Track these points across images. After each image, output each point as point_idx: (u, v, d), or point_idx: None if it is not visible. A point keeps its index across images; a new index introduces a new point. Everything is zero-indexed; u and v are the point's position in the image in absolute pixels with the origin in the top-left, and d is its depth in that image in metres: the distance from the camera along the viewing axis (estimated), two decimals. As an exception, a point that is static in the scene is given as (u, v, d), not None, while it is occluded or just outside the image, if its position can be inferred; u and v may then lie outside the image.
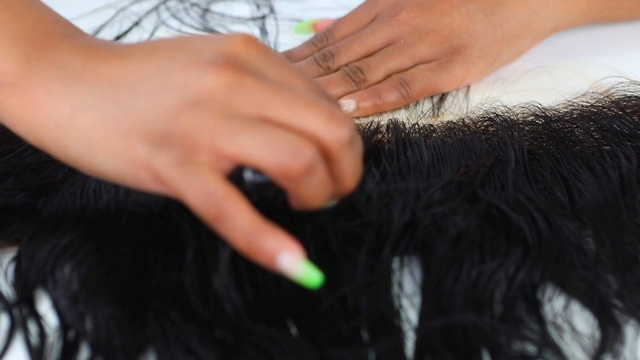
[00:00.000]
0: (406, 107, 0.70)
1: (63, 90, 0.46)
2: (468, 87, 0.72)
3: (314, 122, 0.45)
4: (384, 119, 0.67)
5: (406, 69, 0.70)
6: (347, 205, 0.51)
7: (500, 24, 0.71)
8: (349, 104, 0.66)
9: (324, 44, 0.73)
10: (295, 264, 0.44)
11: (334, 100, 0.49)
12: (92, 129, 0.45)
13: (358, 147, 0.48)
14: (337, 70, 0.70)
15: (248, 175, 0.47)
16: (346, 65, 0.70)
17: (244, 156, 0.44)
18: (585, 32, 0.79)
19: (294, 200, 0.48)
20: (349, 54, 0.70)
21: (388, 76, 0.69)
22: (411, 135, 0.62)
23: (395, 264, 0.50)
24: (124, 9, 0.87)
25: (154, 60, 0.46)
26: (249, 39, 0.47)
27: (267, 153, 0.44)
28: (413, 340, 0.46)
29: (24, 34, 0.48)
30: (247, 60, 0.46)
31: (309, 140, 0.45)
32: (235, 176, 0.47)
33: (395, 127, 0.64)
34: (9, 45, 0.48)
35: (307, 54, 0.73)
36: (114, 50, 0.48)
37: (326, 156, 0.46)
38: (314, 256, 0.48)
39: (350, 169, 0.47)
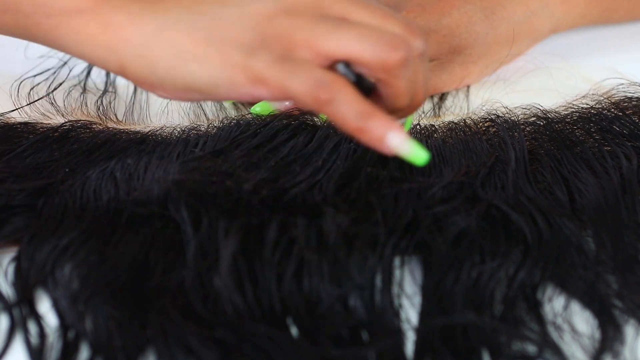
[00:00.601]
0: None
1: (144, 10, 0.48)
2: (468, 87, 0.72)
3: (397, 29, 0.48)
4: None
5: None
6: (347, 204, 0.51)
7: (500, 25, 0.70)
8: None
9: None
10: (404, 142, 0.47)
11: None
12: (182, 40, 0.47)
13: (427, 63, 0.50)
14: None
15: (341, 68, 0.48)
16: None
17: (343, 50, 0.46)
18: (586, 33, 0.79)
19: (386, 97, 0.49)
20: None
21: None
22: (413, 136, 0.62)
23: (396, 263, 0.50)
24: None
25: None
26: None
27: (366, 45, 0.46)
28: (413, 340, 0.46)
29: None
30: None
31: (402, 38, 0.47)
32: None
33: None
34: None
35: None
36: None
37: None
38: (310, 254, 0.48)
39: (424, 79, 0.50)
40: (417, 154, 0.47)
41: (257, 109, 0.65)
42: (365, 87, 0.49)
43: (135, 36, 0.47)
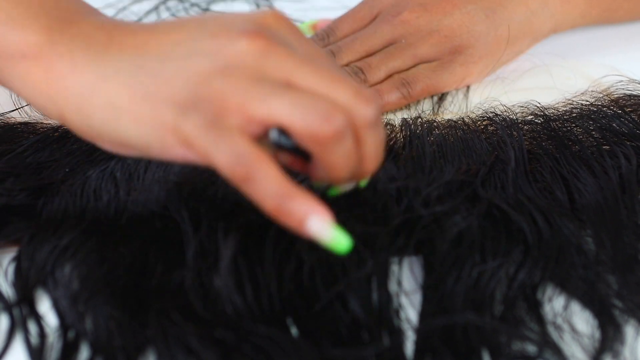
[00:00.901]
0: (406, 106, 0.70)
1: (88, 59, 0.46)
2: (468, 86, 0.72)
3: (343, 96, 0.45)
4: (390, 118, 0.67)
5: (407, 69, 0.70)
6: (347, 203, 0.51)
7: (500, 24, 0.71)
8: None
9: (325, 42, 0.73)
10: (324, 227, 0.44)
11: (360, 83, 0.49)
12: (118, 95, 0.45)
13: (381, 130, 0.47)
14: None
15: (273, 135, 0.45)
16: (347, 65, 0.70)
17: (274, 118, 0.43)
18: (585, 31, 0.79)
19: (320, 169, 0.46)
20: (350, 53, 0.70)
21: (389, 76, 0.69)
22: (417, 130, 0.63)
23: (395, 263, 0.50)
24: (124, 9, 0.87)
25: (183, 31, 0.46)
26: (278, 15, 0.47)
27: (298, 115, 0.43)
28: (413, 340, 0.46)
29: (46, 9, 0.48)
30: (277, 32, 0.46)
31: (341, 109, 0.44)
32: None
33: (407, 126, 0.64)
34: (31, 17, 0.47)
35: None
36: (139, 25, 0.48)
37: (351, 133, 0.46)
38: (312, 255, 0.48)
39: (374, 149, 0.47)
40: (339, 242, 0.44)
41: None
42: (306, 157, 0.47)
43: (74, 86, 0.46)
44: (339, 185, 0.48)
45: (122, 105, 0.45)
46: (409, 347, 0.46)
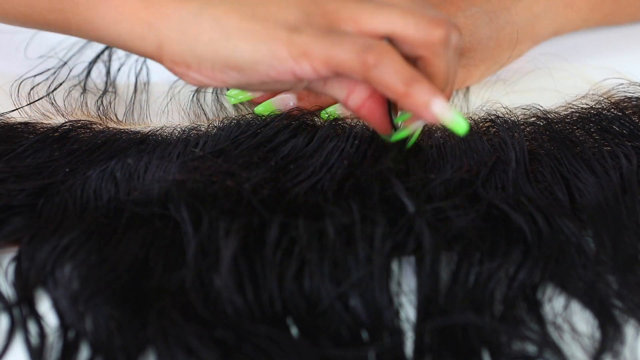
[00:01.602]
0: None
1: None
2: (468, 87, 0.72)
3: (437, 14, 0.49)
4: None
5: None
6: (347, 204, 0.51)
7: (503, 28, 0.71)
8: None
9: None
10: (447, 109, 0.47)
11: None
12: (226, 15, 0.47)
13: (458, 59, 0.51)
14: None
15: None
16: None
17: (387, 26, 0.47)
18: (586, 33, 0.79)
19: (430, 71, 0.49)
20: None
21: None
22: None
23: (395, 262, 0.50)
24: None
25: None
26: None
27: (410, 21, 0.47)
28: (413, 340, 0.46)
29: None
30: None
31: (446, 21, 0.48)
32: None
33: None
34: None
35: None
36: None
37: None
38: (312, 254, 0.48)
39: (454, 71, 0.51)
40: (459, 122, 0.48)
41: (259, 108, 0.65)
42: None
43: (177, 13, 0.47)
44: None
45: (231, 24, 0.47)
46: (409, 347, 0.46)
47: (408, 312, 0.48)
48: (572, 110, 0.65)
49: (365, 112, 0.53)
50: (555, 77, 0.72)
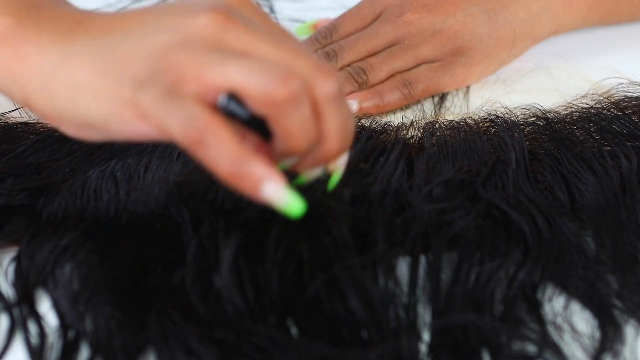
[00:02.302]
0: (406, 107, 0.70)
1: (53, 40, 0.46)
2: (468, 87, 0.72)
3: (302, 67, 0.45)
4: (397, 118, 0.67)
5: (409, 69, 0.70)
6: (347, 203, 0.51)
7: (502, 27, 0.71)
8: (351, 105, 0.66)
9: (327, 40, 0.73)
10: (279, 191, 0.43)
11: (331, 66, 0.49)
12: (80, 72, 0.45)
13: (344, 108, 0.46)
14: (340, 69, 0.70)
15: (222, 100, 0.44)
16: (349, 64, 0.70)
17: (229, 82, 0.43)
18: (586, 33, 0.80)
19: (278, 139, 0.45)
20: (353, 53, 0.70)
21: (390, 76, 0.69)
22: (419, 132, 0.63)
23: (395, 262, 0.50)
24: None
25: (147, 12, 0.47)
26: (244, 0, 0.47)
27: (253, 77, 0.43)
28: (413, 341, 0.46)
29: None
30: (239, 11, 0.46)
31: (298, 74, 0.44)
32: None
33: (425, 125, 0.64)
34: (2, 1, 0.48)
35: (311, 50, 0.73)
36: (107, 12, 0.49)
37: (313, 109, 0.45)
38: (311, 255, 0.48)
39: (336, 127, 0.46)
40: (293, 205, 0.44)
41: None
42: (261, 129, 0.46)
43: (38, 66, 0.46)
44: (303, 167, 0.47)
45: (82, 82, 0.45)
46: (409, 347, 0.45)
47: (408, 312, 0.48)
48: (572, 109, 0.65)
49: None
50: (555, 76, 0.72)
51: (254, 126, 0.45)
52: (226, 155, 0.43)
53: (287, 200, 0.44)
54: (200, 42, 0.44)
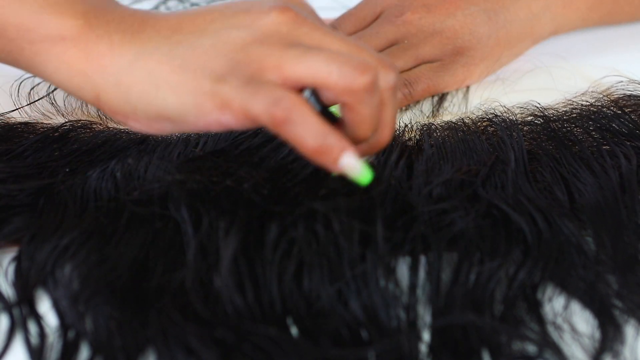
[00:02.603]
0: (406, 107, 0.70)
1: (125, 40, 0.49)
2: (467, 87, 0.72)
3: (370, 59, 0.48)
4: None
5: (409, 69, 0.70)
6: (347, 204, 0.51)
7: (503, 27, 0.71)
8: None
9: None
10: (355, 162, 0.47)
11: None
12: (157, 67, 0.48)
13: (397, 100, 0.50)
14: None
15: (307, 95, 0.48)
16: None
17: (311, 74, 0.46)
18: (585, 32, 0.80)
19: (350, 127, 0.49)
20: None
21: None
22: (417, 132, 0.63)
23: (395, 263, 0.50)
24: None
25: (215, 11, 0.49)
26: (301, 1, 0.51)
27: (333, 67, 0.46)
28: (413, 341, 0.46)
29: None
30: (301, 10, 0.50)
31: (371, 65, 0.47)
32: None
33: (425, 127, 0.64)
34: (68, 3, 0.50)
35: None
36: (167, 12, 0.51)
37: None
38: (312, 257, 0.48)
39: (391, 117, 0.50)
40: (365, 175, 0.48)
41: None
42: (330, 120, 0.49)
43: (112, 65, 0.48)
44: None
45: (161, 76, 0.47)
46: (409, 347, 0.45)
47: (408, 312, 0.48)
48: (572, 106, 0.65)
49: None
50: (554, 76, 0.72)
51: (329, 116, 0.49)
52: (311, 131, 0.46)
53: (361, 170, 0.47)
54: (277, 37, 0.47)
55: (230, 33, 0.47)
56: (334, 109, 0.65)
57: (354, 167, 0.47)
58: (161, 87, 0.47)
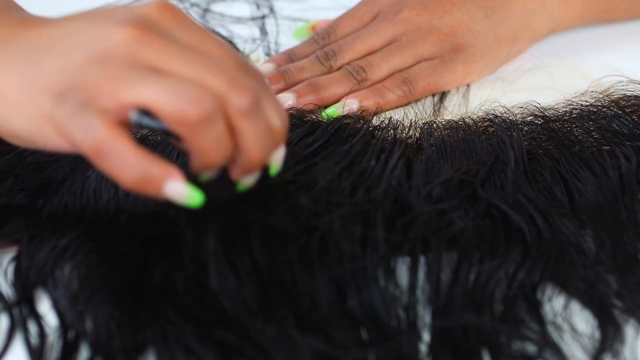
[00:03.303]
0: (407, 105, 0.70)
1: None
2: (468, 86, 0.72)
3: (216, 83, 0.45)
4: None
5: (408, 67, 0.70)
6: (347, 204, 0.51)
7: (500, 23, 0.71)
8: (352, 104, 0.66)
9: (325, 41, 0.73)
10: (181, 187, 0.45)
11: (256, 74, 0.49)
12: (8, 88, 0.46)
13: (262, 120, 0.47)
14: (339, 68, 0.70)
15: (133, 116, 0.45)
16: (348, 63, 0.70)
17: (143, 101, 0.44)
18: (585, 31, 0.80)
19: (193, 157, 0.47)
20: (352, 52, 0.70)
21: (390, 74, 0.69)
22: (417, 132, 0.63)
23: (394, 263, 0.50)
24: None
25: (71, 24, 0.47)
26: (166, 5, 0.48)
27: (166, 97, 0.44)
28: (413, 341, 0.46)
29: None
30: (158, 23, 0.47)
31: (211, 94, 0.45)
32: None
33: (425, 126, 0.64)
34: None
35: (309, 52, 0.73)
36: (44, 19, 0.48)
37: (227, 123, 0.46)
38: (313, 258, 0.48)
39: (254, 139, 0.46)
40: (194, 198, 0.45)
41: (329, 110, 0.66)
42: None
43: None
44: (235, 177, 0.48)
45: (9, 97, 0.46)
46: (409, 347, 0.45)
47: (408, 312, 0.48)
48: (572, 107, 0.65)
49: None
50: (554, 75, 0.72)
51: (173, 134, 0.46)
52: (127, 164, 0.44)
53: (188, 195, 0.45)
54: (115, 58, 0.45)
55: (72, 52, 0.45)
56: (333, 109, 0.66)
57: (180, 193, 0.45)
58: (10, 109, 0.46)
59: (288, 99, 0.66)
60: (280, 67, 0.71)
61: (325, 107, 0.67)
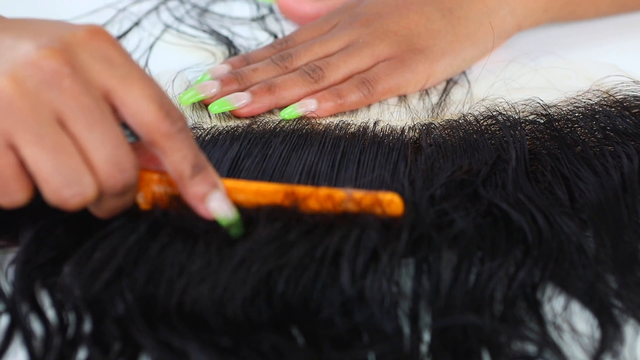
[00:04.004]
0: (406, 107, 0.70)
1: None
2: (469, 86, 0.72)
3: (100, 158, 0.46)
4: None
5: (367, 69, 0.70)
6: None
7: (459, 22, 0.71)
8: (310, 104, 0.66)
9: (283, 46, 0.73)
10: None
11: (178, 116, 0.48)
12: None
13: (130, 196, 0.49)
14: (295, 70, 0.70)
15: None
16: (305, 64, 0.70)
17: (26, 162, 0.45)
18: (585, 32, 0.80)
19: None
20: (309, 54, 0.70)
21: (349, 76, 0.69)
22: (417, 132, 0.63)
23: (394, 263, 0.50)
24: (124, 9, 0.87)
25: (6, 37, 0.47)
26: (97, 32, 0.47)
27: (46, 170, 0.45)
28: (413, 341, 0.46)
29: None
30: (82, 49, 0.47)
31: (86, 178, 0.46)
32: None
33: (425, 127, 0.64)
34: None
35: (266, 55, 0.72)
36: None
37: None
38: (312, 258, 0.48)
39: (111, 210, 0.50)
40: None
41: (214, 107, 0.65)
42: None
43: None
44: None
45: None
46: (409, 347, 0.46)
47: (408, 313, 0.48)
48: (575, 105, 0.65)
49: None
50: (555, 75, 0.72)
51: None
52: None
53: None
54: (23, 95, 0.45)
55: None
56: (290, 109, 0.65)
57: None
58: None
59: (243, 98, 0.66)
60: (234, 70, 0.70)
61: (282, 108, 0.67)
